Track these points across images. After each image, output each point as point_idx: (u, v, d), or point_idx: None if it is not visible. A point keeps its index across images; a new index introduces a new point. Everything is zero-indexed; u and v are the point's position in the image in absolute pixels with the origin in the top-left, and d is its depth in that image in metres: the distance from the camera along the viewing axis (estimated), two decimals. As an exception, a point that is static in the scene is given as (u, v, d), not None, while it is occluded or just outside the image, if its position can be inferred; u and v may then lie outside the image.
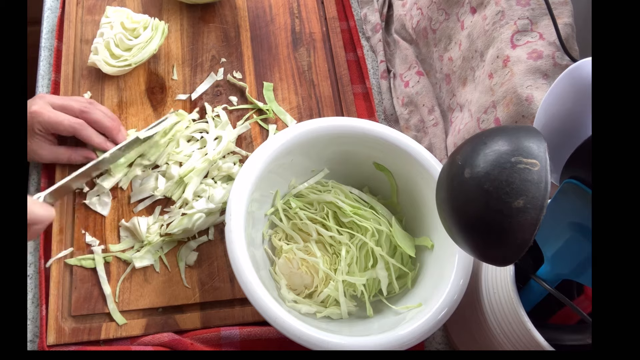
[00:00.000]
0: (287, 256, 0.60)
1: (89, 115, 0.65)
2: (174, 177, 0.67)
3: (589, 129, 0.45)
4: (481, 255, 0.43)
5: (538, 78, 0.55)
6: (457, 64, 0.68)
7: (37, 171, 0.69)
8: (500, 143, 0.41)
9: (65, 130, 0.64)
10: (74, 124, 0.64)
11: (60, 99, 0.66)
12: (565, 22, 0.56)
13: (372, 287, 0.60)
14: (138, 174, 0.67)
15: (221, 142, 0.70)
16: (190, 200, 0.66)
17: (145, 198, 0.67)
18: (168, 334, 0.59)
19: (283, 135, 0.59)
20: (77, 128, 0.64)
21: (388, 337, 0.51)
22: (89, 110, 0.65)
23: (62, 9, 0.79)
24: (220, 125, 0.71)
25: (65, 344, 0.59)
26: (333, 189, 0.64)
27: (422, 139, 0.74)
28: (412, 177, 0.61)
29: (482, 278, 0.54)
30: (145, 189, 0.67)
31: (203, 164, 0.67)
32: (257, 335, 0.60)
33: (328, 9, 0.83)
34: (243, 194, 0.56)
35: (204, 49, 0.78)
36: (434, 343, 0.64)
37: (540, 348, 0.45)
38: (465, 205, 0.42)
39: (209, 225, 0.66)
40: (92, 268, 0.63)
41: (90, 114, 0.65)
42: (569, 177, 0.45)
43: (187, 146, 0.70)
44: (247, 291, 0.51)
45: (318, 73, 0.78)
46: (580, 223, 0.45)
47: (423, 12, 0.75)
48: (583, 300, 0.51)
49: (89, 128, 0.65)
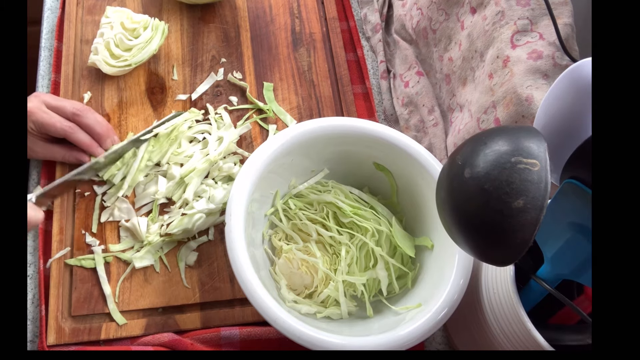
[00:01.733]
0: (287, 256, 0.60)
1: (81, 119, 0.65)
2: (175, 177, 0.67)
3: (589, 129, 0.45)
4: (481, 255, 0.43)
5: (538, 78, 0.55)
6: (457, 64, 0.68)
7: (37, 171, 0.69)
8: (500, 143, 0.41)
9: (57, 132, 0.64)
10: (65, 126, 0.64)
11: (55, 100, 0.66)
12: (565, 22, 0.56)
13: (372, 287, 0.60)
14: (141, 180, 0.67)
15: (222, 142, 0.70)
16: (190, 201, 0.66)
17: (149, 202, 0.67)
18: (168, 334, 0.59)
19: (283, 135, 0.59)
20: (68, 131, 0.64)
21: (388, 337, 0.51)
22: (81, 114, 0.65)
23: (62, 9, 0.79)
24: (223, 127, 0.71)
25: (65, 344, 0.59)
26: (333, 189, 0.64)
27: (422, 139, 0.74)
28: (412, 177, 0.61)
29: (482, 278, 0.54)
30: (148, 193, 0.67)
31: (204, 164, 0.67)
32: (257, 335, 0.60)
33: (328, 9, 0.84)
34: (243, 194, 0.56)
35: (204, 49, 0.78)
36: (434, 343, 0.64)
37: (540, 348, 0.45)
38: (465, 205, 0.42)
39: (209, 226, 0.66)
40: (92, 268, 0.63)
41: (83, 118, 0.65)
42: (569, 177, 0.45)
43: (189, 147, 0.70)
44: (247, 291, 0.51)
45: (318, 73, 0.78)
46: (580, 223, 0.45)
47: (423, 12, 0.75)
48: (583, 300, 0.51)
49: (80, 132, 0.65)
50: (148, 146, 0.68)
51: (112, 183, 0.67)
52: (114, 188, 0.67)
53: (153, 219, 0.65)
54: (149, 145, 0.68)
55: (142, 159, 0.67)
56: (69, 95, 0.73)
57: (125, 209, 0.66)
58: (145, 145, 0.68)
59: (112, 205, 0.66)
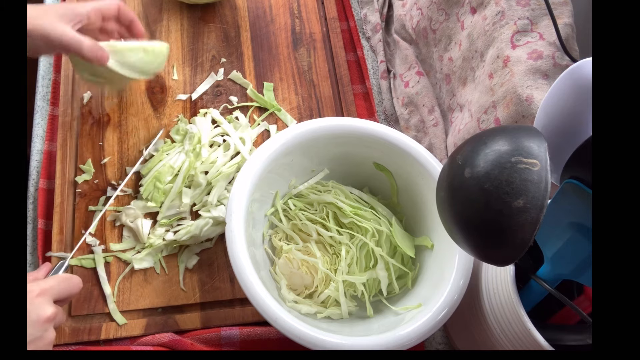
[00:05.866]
0: (288, 256, 0.60)
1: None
2: (201, 185, 0.66)
3: (589, 129, 0.45)
4: (481, 255, 0.43)
5: (538, 78, 0.55)
6: (457, 64, 0.68)
7: (37, 171, 0.69)
8: (500, 143, 0.41)
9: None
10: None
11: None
12: (565, 22, 0.56)
13: (372, 287, 0.60)
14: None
15: (246, 142, 0.70)
16: (212, 204, 0.65)
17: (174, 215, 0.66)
18: (168, 334, 0.59)
19: (283, 135, 0.59)
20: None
21: (388, 337, 0.51)
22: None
23: (62, 9, 0.79)
24: (240, 128, 0.71)
25: (65, 344, 0.59)
26: (333, 189, 0.64)
27: (422, 139, 0.74)
28: (412, 177, 0.61)
29: (482, 278, 0.54)
30: (174, 205, 0.66)
31: (230, 168, 0.67)
32: (257, 335, 0.60)
33: (328, 9, 0.84)
34: (243, 194, 0.56)
35: (204, 49, 0.78)
36: (434, 343, 0.64)
37: (540, 348, 0.45)
38: (466, 205, 0.42)
39: (216, 235, 0.66)
40: (92, 268, 0.63)
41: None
42: (569, 177, 0.45)
43: (211, 152, 0.68)
44: (248, 291, 0.51)
45: (318, 73, 0.78)
46: (580, 223, 0.45)
47: (423, 12, 0.75)
48: (583, 300, 0.51)
49: None
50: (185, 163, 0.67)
51: (148, 200, 0.66)
52: (142, 201, 0.66)
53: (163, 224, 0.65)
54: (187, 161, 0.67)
55: (183, 180, 0.66)
56: (69, 95, 0.73)
57: (133, 214, 0.65)
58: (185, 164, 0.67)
59: (122, 210, 0.66)
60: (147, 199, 0.66)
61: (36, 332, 0.46)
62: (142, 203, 0.66)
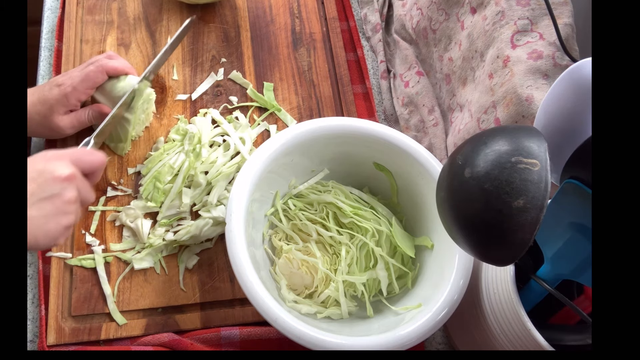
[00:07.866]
0: (288, 256, 0.60)
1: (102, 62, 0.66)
2: (201, 185, 0.66)
3: (589, 129, 0.45)
4: (481, 255, 0.43)
5: (538, 78, 0.55)
6: (457, 64, 0.68)
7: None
8: (500, 143, 0.41)
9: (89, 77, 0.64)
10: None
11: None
12: (565, 22, 0.56)
13: (372, 287, 0.60)
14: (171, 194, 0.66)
15: (246, 142, 0.70)
16: (212, 204, 0.65)
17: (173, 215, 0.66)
18: (168, 334, 0.59)
19: (283, 135, 0.59)
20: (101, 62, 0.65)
21: (388, 337, 0.51)
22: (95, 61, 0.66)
23: (62, 9, 0.79)
24: (240, 128, 0.71)
25: (65, 344, 0.59)
26: (333, 189, 0.64)
27: (422, 139, 0.74)
28: (412, 177, 0.61)
29: (482, 278, 0.54)
30: (174, 205, 0.66)
31: (230, 168, 0.67)
32: (257, 335, 0.60)
33: (328, 9, 0.84)
34: (243, 194, 0.56)
35: (204, 49, 0.78)
36: (434, 343, 0.64)
37: (540, 348, 0.45)
38: (466, 205, 0.42)
39: (216, 235, 0.66)
40: (92, 268, 0.63)
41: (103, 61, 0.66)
42: (569, 177, 0.45)
43: (211, 152, 0.68)
44: (248, 291, 0.51)
45: (318, 73, 0.78)
46: (580, 223, 0.45)
47: (423, 12, 0.75)
48: (583, 300, 0.51)
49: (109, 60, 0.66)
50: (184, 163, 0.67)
51: (147, 200, 0.66)
52: (142, 201, 0.66)
53: (163, 224, 0.65)
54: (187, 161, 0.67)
55: (182, 180, 0.66)
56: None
57: (133, 214, 0.65)
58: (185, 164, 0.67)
59: (122, 210, 0.66)
60: (147, 199, 0.66)
61: (52, 189, 0.43)
62: (142, 203, 0.66)
